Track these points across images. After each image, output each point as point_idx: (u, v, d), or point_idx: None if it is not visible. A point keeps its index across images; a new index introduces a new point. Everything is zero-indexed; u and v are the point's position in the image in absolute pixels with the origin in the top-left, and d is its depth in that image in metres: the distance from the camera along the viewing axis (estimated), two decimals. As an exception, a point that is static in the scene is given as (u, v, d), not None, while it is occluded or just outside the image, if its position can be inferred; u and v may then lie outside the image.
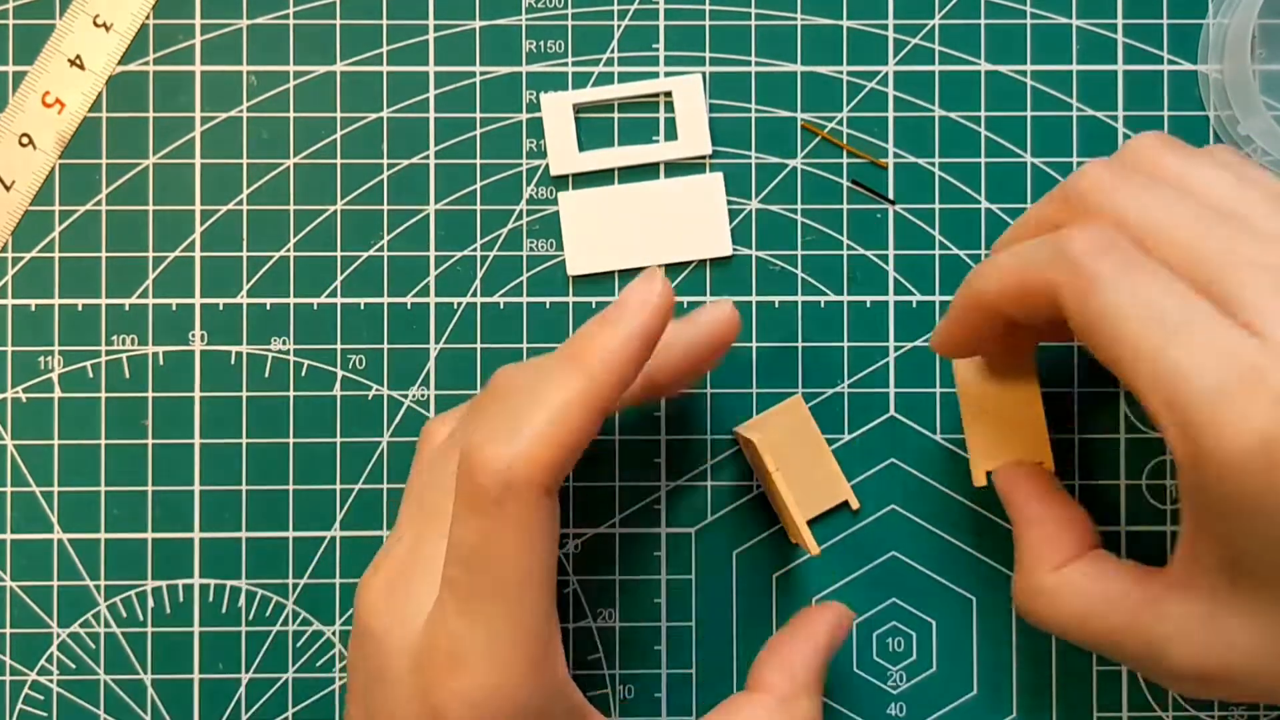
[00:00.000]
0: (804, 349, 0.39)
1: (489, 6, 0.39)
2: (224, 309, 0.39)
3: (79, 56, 0.39)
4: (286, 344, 0.39)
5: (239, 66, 0.39)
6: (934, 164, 0.39)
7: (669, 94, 0.39)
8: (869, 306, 0.39)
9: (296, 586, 0.38)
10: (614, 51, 0.39)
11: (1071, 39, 0.39)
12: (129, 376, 0.39)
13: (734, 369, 0.39)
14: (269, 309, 0.39)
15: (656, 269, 0.30)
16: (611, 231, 0.39)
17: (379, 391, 0.39)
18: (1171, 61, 0.39)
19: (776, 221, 0.39)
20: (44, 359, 0.39)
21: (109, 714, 0.38)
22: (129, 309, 0.39)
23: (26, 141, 0.39)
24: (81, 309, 0.39)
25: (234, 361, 0.39)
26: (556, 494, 0.30)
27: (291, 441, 0.38)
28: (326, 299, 0.39)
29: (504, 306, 0.39)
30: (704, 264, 0.39)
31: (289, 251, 0.39)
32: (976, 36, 0.39)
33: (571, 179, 0.39)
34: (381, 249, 0.39)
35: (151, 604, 0.38)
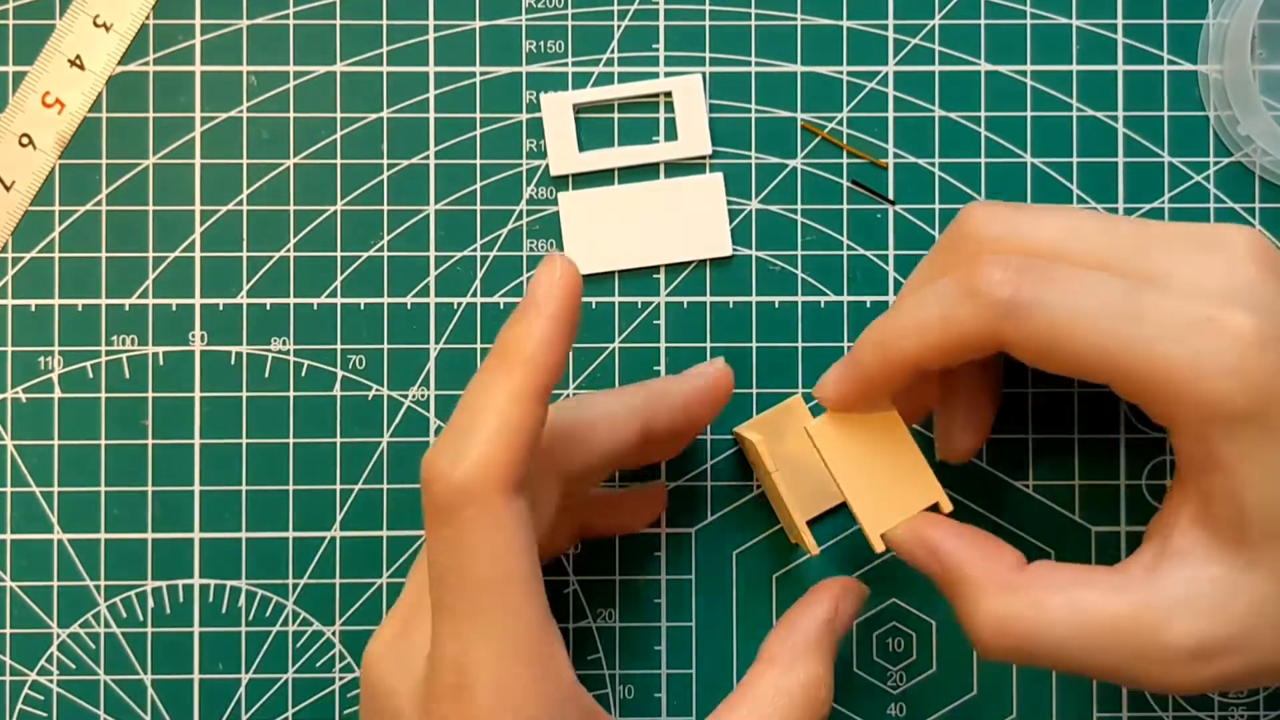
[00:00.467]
0: (804, 349, 0.39)
1: (489, 6, 0.39)
2: (224, 309, 0.39)
3: (79, 56, 0.39)
4: (286, 344, 0.39)
5: (239, 66, 0.39)
6: (934, 164, 0.39)
7: (669, 94, 0.39)
8: (869, 306, 0.39)
9: (296, 586, 0.38)
10: (614, 51, 0.39)
11: (1071, 39, 0.39)
12: (129, 377, 0.39)
13: (735, 369, 0.39)
14: (269, 309, 0.39)
15: (555, 254, 0.31)
16: (611, 231, 0.39)
17: (379, 391, 0.39)
18: (1171, 61, 0.39)
19: (776, 221, 0.39)
20: (44, 359, 0.39)
21: (109, 714, 0.38)
22: (129, 309, 0.39)
23: (26, 141, 0.39)
24: (81, 309, 0.39)
25: (234, 361, 0.39)
26: (523, 494, 0.29)
27: (291, 441, 0.38)
28: (326, 299, 0.39)
29: (504, 306, 0.39)
30: (704, 264, 0.39)
31: (289, 251, 0.39)
32: (976, 36, 0.39)
33: (571, 179, 0.39)
34: (381, 249, 0.39)
35: (151, 604, 0.38)
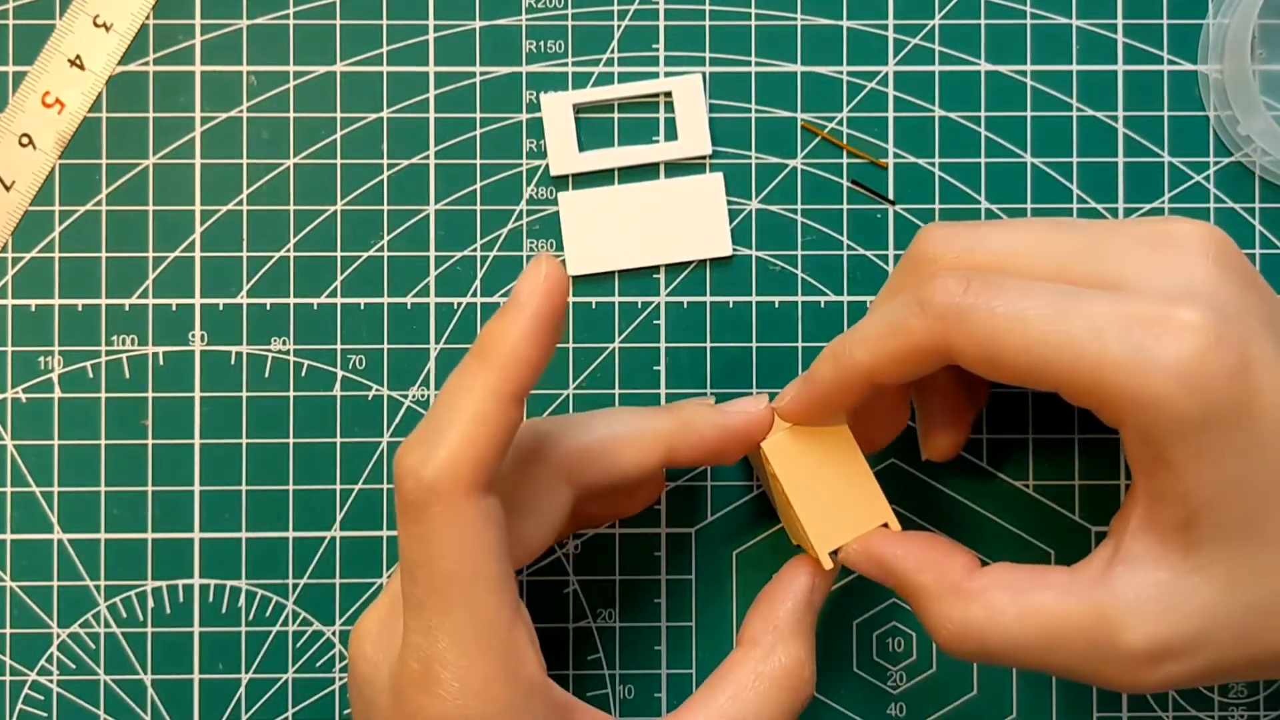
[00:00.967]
0: (804, 349, 0.39)
1: (489, 6, 0.39)
2: (224, 309, 0.39)
3: (79, 56, 0.39)
4: (286, 344, 0.39)
5: (239, 66, 0.39)
6: (934, 164, 0.39)
7: (669, 94, 0.39)
8: (869, 306, 0.39)
9: (296, 586, 0.38)
10: (614, 51, 0.39)
11: (1071, 39, 0.39)
12: (129, 377, 0.39)
13: (734, 369, 0.39)
14: (269, 309, 0.39)
15: (543, 254, 0.31)
16: (611, 231, 0.39)
17: (379, 391, 0.39)
18: (1171, 61, 0.39)
19: (776, 221, 0.39)
20: (44, 359, 0.39)
21: (109, 714, 0.38)
22: (129, 309, 0.39)
23: (26, 141, 0.39)
24: (81, 309, 0.39)
25: (234, 361, 0.39)
26: (493, 492, 0.30)
27: (291, 441, 0.38)
28: (326, 299, 0.39)
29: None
30: (704, 264, 0.39)
31: (289, 251, 0.39)
32: (976, 36, 0.39)
33: (571, 179, 0.39)
34: (381, 249, 0.39)
35: (151, 604, 0.38)
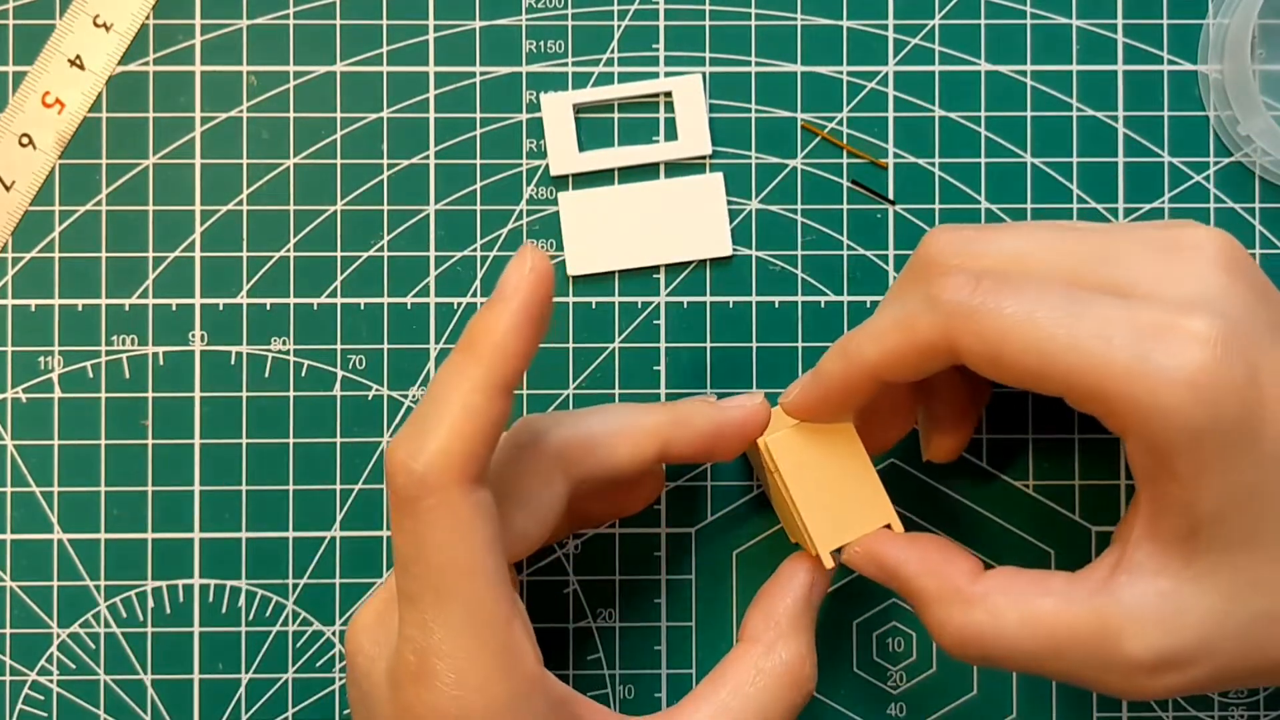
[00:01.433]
0: (804, 349, 0.39)
1: (489, 6, 0.39)
2: (224, 309, 0.39)
3: (79, 56, 0.39)
4: (286, 344, 0.39)
5: (239, 66, 0.39)
6: (934, 164, 0.39)
7: (669, 94, 0.39)
8: (869, 306, 0.39)
9: (296, 586, 0.38)
10: (614, 51, 0.39)
11: (1071, 39, 0.39)
12: (129, 376, 0.39)
13: (734, 369, 0.39)
14: (269, 309, 0.39)
15: (529, 245, 0.31)
16: (611, 231, 0.39)
17: (379, 391, 0.39)
18: (1171, 61, 0.39)
19: (776, 221, 0.39)
20: (44, 359, 0.39)
21: (109, 714, 0.38)
22: (129, 309, 0.39)
23: (26, 141, 0.39)
24: (81, 309, 0.39)
25: (234, 361, 0.39)
26: (484, 485, 0.30)
27: (291, 441, 0.38)
28: (326, 299, 0.39)
29: (504, 306, 0.39)
30: (704, 264, 0.39)
31: (289, 251, 0.39)
32: (976, 36, 0.39)
33: (571, 179, 0.39)
34: (381, 249, 0.39)
35: (151, 604, 0.38)
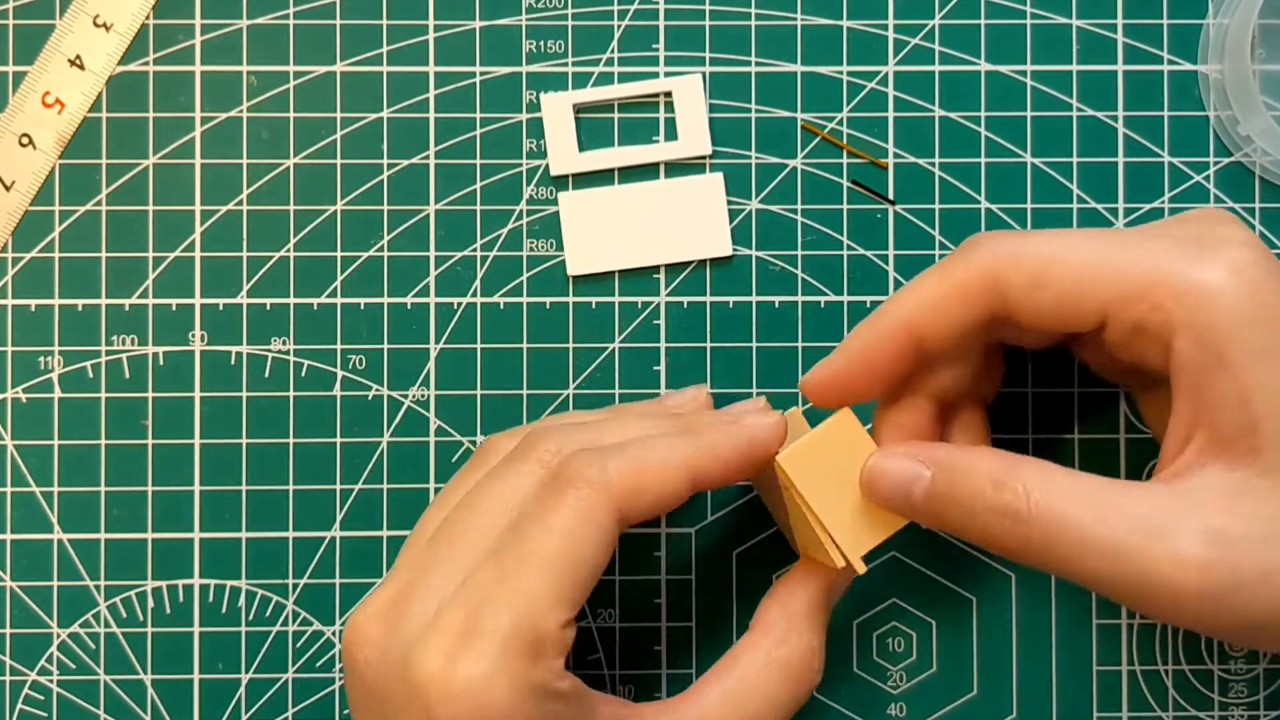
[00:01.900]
0: (804, 349, 0.39)
1: (489, 6, 0.39)
2: (224, 309, 0.39)
3: (79, 56, 0.39)
4: (286, 344, 0.39)
5: (239, 66, 0.39)
6: (934, 164, 0.39)
7: (669, 94, 0.39)
8: (869, 306, 0.39)
9: (296, 586, 0.38)
10: (614, 51, 0.39)
11: (1071, 39, 0.39)
12: (129, 376, 0.39)
13: (734, 369, 0.39)
14: (269, 309, 0.39)
15: (759, 400, 0.35)
16: (611, 231, 0.39)
17: (379, 391, 0.39)
18: (1171, 61, 0.39)
19: (776, 221, 0.39)
20: (44, 359, 0.39)
21: (109, 714, 0.38)
22: (129, 309, 0.39)
23: (26, 141, 0.39)
24: (81, 309, 0.39)
25: (234, 361, 0.39)
26: (621, 529, 0.30)
27: (291, 441, 0.38)
28: (326, 299, 0.39)
29: (504, 306, 0.39)
30: (704, 264, 0.39)
31: (289, 251, 0.39)
32: (976, 36, 0.39)
33: (571, 179, 0.39)
34: (381, 249, 0.39)
35: (151, 604, 0.38)
